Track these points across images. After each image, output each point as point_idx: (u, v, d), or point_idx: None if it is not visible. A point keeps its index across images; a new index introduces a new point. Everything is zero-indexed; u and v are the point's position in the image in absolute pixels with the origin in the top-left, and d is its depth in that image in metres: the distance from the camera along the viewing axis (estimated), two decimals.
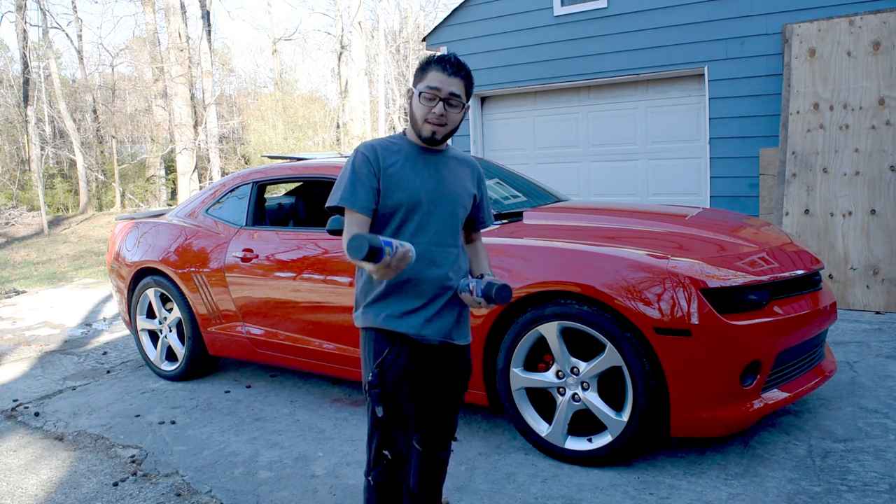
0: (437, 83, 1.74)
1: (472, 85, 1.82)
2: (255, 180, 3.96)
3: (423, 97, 1.76)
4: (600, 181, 7.11)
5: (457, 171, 1.90)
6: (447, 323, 1.86)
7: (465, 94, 1.80)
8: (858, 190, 5.01)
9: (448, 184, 1.85)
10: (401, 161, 1.81)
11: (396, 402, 1.81)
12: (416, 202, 1.79)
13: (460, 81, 1.77)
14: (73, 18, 21.57)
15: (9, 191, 18.24)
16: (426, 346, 1.85)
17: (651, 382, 2.52)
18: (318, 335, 3.46)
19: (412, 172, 1.81)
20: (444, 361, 1.91)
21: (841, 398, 3.23)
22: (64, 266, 10.23)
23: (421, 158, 1.84)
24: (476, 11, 7.40)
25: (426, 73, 1.77)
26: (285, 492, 2.68)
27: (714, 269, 2.59)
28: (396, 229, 1.80)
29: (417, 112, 1.79)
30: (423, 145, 1.85)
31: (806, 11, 5.56)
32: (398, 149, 1.84)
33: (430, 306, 1.82)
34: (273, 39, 24.43)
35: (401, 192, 1.78)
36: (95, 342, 5.34)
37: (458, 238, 1.89)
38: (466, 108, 1.82)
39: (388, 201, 1.78)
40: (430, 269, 1.80)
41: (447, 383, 1.95)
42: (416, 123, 1.81)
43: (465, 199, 1.90)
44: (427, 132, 1.79)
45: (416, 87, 1.80)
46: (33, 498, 2.76)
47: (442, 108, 1.75)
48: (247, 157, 19.25)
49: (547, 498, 2.50)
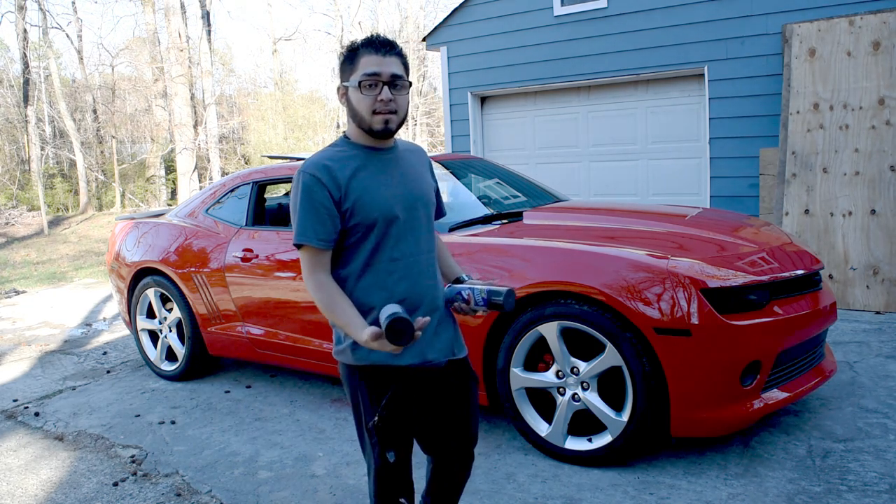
0: (375, 67, 1.53)
1: (409, 64, 1.61)
2: (255, 180, 3.96)
3: (364, 86, 1.53)
4: (600, 181, 7.11)
5: (415, 165, 1.71)
6: (448, 338, 1.69)
7: (406, 73, 1.59)
8: (858, 190, 5.01)
9: (414, 183, 1.66)
10: (359, 170, 1.58)
11: (406, 442, 1.66)
12: (391, 215, 1.58)
13: (397, 59, 1.56)
14: (73, 18, 21.59)
15: (9, 191, 18.24)
16: (434, 370, 1.67)
17: (651, 382, 2.52)
18: (318, 335, 3.46)
19: (375, 182, 1.59)
20: (450, 379, 1.73)
21: (841, 398, 3.23)
22: (64, 266, 10.23)
23: (378, 162, 1.62)
24: (476, 11, 7.40)
25: (357, 60, 1.56)
26: (285, 492, 2.68)
27: (714, 269, 2.59)
28: (373, 249, 1.59)
29: (361, 106, 1.55)
30: (374, 145, 1.62)
31: (806, 11, 5.56)
32: (350, 157, 1.60)
33: (430, 326, 1.63)
34: (273, 39, 24.43)
35: (371, 209, 1.56)
36: (95, 342, 5.34)
37: (432, 240, 1.70)
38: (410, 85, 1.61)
39: (357, 220, 1.56)
40: (421, 283, 1.63)
41: (459, 398, 1.76)
42: (362, 120, 1.57)
43: (429, 195, 1.71)
44: (379, 124, 1.55)
45: (348, 80, 1.57)
46: (33, 498, 2.76)
47: (388, 93, 1.53)
48: (247, 157, 19.26)
49: (547, 498, 2.50)
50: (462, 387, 1.76)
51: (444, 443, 1.78)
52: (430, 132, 24.93)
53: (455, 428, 1.77)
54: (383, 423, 1.60)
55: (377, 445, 1.62)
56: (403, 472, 1.67)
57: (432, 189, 1.74)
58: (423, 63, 25.42)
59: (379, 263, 1.59)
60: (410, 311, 1.60)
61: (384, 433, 1.61)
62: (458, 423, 1.77)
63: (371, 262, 1.59)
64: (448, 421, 1.75)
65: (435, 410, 1.72)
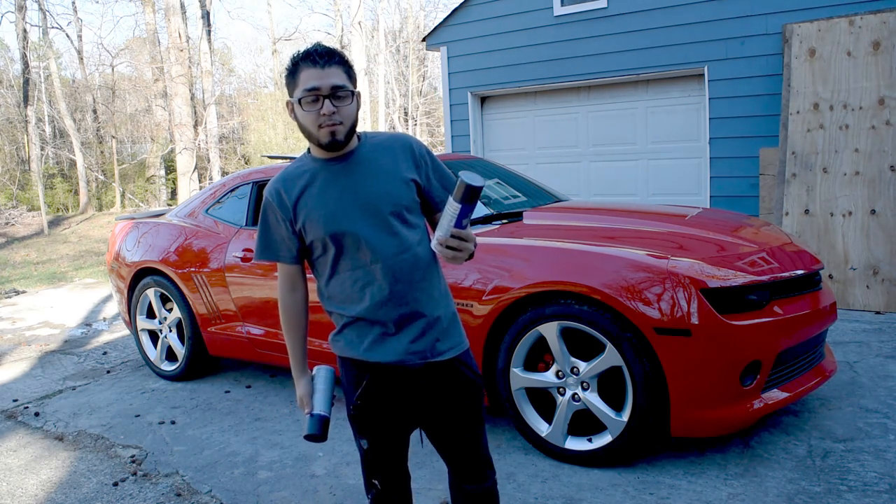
0: (314, 81, 1.51)
1: (353, 69, 1.59)
2: (255, 180, 3.96)
3: (305, 102, 1.52)
4: (600, 181, 7.11)
5: (380, 164, 1.63)
6: (426, 340, 1.63)
7: (351, 81, 1.56)
8: (858, 190, 5.01)
9: (366, 186, 1.60)
10: (307, 188, 1.61)
11: (381, 433, 1.69)
12: (336, 228, 1.58)
13: (338, 69, 1.54)
14: (73, 18, 21.60)
15: (9, 191, 18.24)
16: (409, 370, 1.63)
17: (651, 382, 2.52)
18: (318, 335, 3.46)
19: (321, 197, 1.59)
20: (436, 382, 1.66)
21: (841, 398, 3.23)
22: (64, 266, 10.23)
23: (328, 174, 1.61)
24: (476, 11, 7.40)
25: (297, 75, 1.54)
26: (285, 492, 2.68)
27: (714, 269, 2.59)
28: (333, 261, 1.62)
29: (306, 121, 1.54)
30: (330, 157, 1.61)
31: (806, 11, 5.56)
32: (302, 173, 1.62)
33: (401, 327, 1.61)
34: (273, 39, 24.43)
35: (316, 224, 1.59)
36: (95, 342, 5.34)
37: (408, 239, 1.61)
38: (358, 94, 1.58)
39: (310, 238, 1.61)
40: (384, 290, 1.59)
41: (449, 406, 1.68)
42: (310, 135, 1.56)
43: (395, 194, 1.61)
44: (326, 137, 1.54)
45: (292, 96, 1.56)
46: (33, 498, 2.76)
47: (330, 106, 1.51)
48: (247, 157, 19.26)
49: (547, 498, 2.50)
50: (450, 392, 1.67)
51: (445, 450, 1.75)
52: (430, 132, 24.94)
53: (449, 439, 1.72)
54: (356, 412, 1.68)
55: (354, 432, 1.73)
56: (379, 459, 1.72)
57: (403, 181, 1.62)
58: (423, 63, 25.43)
59: (342, 273, 1.63)
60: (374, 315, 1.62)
61: (358, 422, 1.69)
62: (451, 434, 1.71)
63: (334, 272, 1.64)
64: (440, 426, 1.71)
65: (420, 412, 1.70)
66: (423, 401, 1.68)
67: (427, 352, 1.63)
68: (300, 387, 1.73)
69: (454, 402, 1.69)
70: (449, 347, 1.66)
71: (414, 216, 1.65)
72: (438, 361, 1.65)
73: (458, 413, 1.70)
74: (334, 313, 1.68)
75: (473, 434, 1.73)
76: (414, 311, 1.62)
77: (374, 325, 1.62)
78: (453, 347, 1.67)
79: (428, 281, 1.65)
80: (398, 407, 1.67)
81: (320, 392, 1.69)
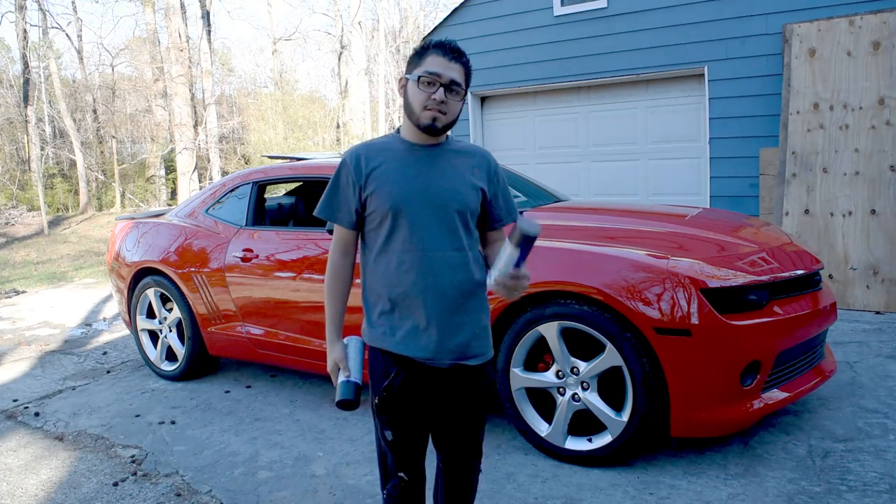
0: (438, 68, 1.60)
1: (471, 75, 1.69)
2: (255, 180, 3.96)
3: (423, 82, 1.61)
4: (600, 181, 7.11)
5: (457, 165, 1.71)
6: (458, 342, 1.67)
7: (465, 83, 1.66)
8: (858, 190, 5.01)
9: (441, 179, 1.67)
10: (386, 162, 1.66)
11: (407, 426, 1.71)
12: (401, 206, 1.63)
13: (461, 68, 1.64)
14: (73, 18, 21.58)
15: (9, 191, 18.24)
16: (437, 369, 1.68)
17: (651, 382, 2.52)
18: (318, 335, 3.46)
19: (397, 173, 1.65)
20: (458, 384, 1.72)
21: (841, 398, 3.23)
22: (64, 266, 10.23)
23: (411, 156, 1.67)
24: (476, 11, 7.40)
25: (424, 58, 1.63)
26: (285, 492, 2.68)
27: (714, 269, 2.59)
28: (386, 238, 1.65)
29: (415, 99, 1.63)
30: (419, 142, 1.68)
31: (806, 11, 5.56)
32: (386, 148, 1.69)
33: (436, 324, 1.65)
34: (273, 39, 24.43)
35: (383, 197, 1.63)
36: (95, 342, 5.34)
37: (463, 241, 1.67)
38: (465, 98, 1.69)
39: (372, 208, 1.65)
40: (428, 279, 1.63)
41: (463, 406, 1.76)
42: (412, 113, 1.64)
43: (465, 195, 1.68)
44: (427, 119, 1.62)
45: (411, 73, 1.65)
46: (33, 498, 2.76)
47: (443, 94, 1.60)
48: (247, 157, 19.25)
49: (547, 498, 2.50)
50: (467, 395, 1.75)
51: (445, 443, 1.81)
52: None
53: (453, 432, 1.78)
54: (382, 404, 1.69)
55: (378, 423, 1.73)
56: (403, 452, 1.73)
57: (472, 188, 1.70)
58: None
59: (390, 252, 1.65)
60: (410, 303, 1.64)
61: (384, 413, 1.70)
62: (457, 428, 1.78)
63: (383, 250, 1.66)
64: (448, 422, 1.77)
65: (436, 408, 1.74)
66: (442, 400, 1.73)
67: (458, 353, 1.68)
68: (334, 351, 1.71)
69: (468, 407, 1.76)
70: (479, 353, 1.73)
71: (474, 222, 1.72)
72: (466, 366, 1.70)
73: (469, 416, 1.77)
74: (372, 292, 1.70)
75: (477, 434, 1.82)
76: (452, 311, 1.66)
77: (409, 317, 1.65)
78: (482, 355, 1.74)
79: (470, 286, 1.70)
80: (422, 403, 1.71)
81: (353, 360, 1.68)
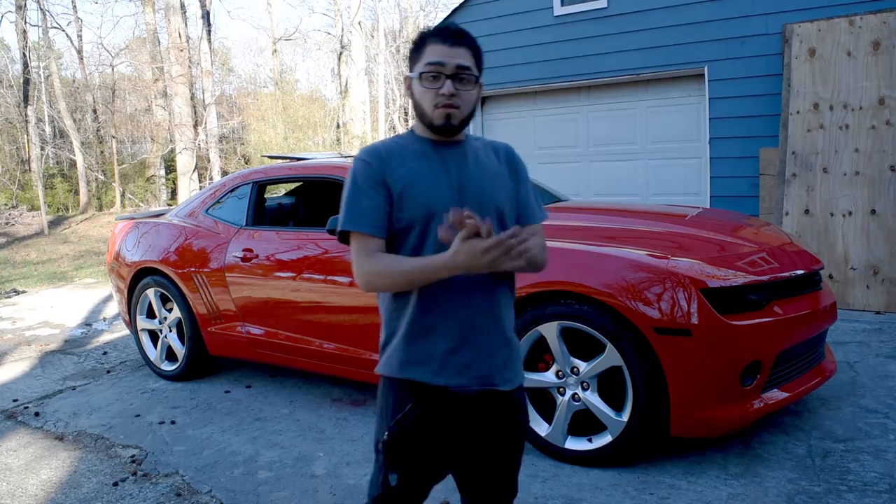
0: (439, 57, 1.42)
1: (481, 56, 1.49)
2: (255, 180, 3.96)
3: (426, 77, 1.43)
4: (600, 181, 7.11)
5: (486, 163, 1.53)
6: (490, 364, 1.46)
7: (476, 66, 1.47)
8: (858, 190, 5.01)
9: (477, 180, 1.49)
10: (412, 161, 1.47)
11: (415, 470, 1.47)
12: (437, 209, 1.42)
13: (466, 51, 1.44)
14: (73, 18, 21.57)
15: (9, 191, 18.25)
16: (462, 395, 1.46)
17: (651, 382, 2.52)
18: (318, 335, 3.46)
19: (428, 174, 1.46)
20: (488, 412, 1.49)
21: (841, 398, 3.23)
22: (64, 266, 10.23)
23: (436, 155, 1.49)
24: (476, 11, 7.40)
25: (423, 49, 1.45)
26: (285, 492, 2.68)
27: (714, 269, 2.59)
28: (414, 248, 1.44)
29: (423, 99, 1.44)
30: (438, 138, 1.50)
31: (806, 11, 5.56)
32: (407, 147, 1.49)
33: (468, 343, 1.45)
34: (273, 39, 24.43)
35: (415, 202, 1.43)
36: (95, 342, 5.34)
37: None
38: (480, 84, 1.48)
39: (401, 214, 1.44)
40: (464, 295, 1.43)
41: (496, 439, 1.51)
42: (423, 114, 1.46)
43: (502, 196, 1.51)
44: (440, 119, 1.44)
45: (413, 70, 1.47)
46: (33, 498, 2.76)
47: (451, 87, 1.41)
48: (247, 157, 19.24)
49: (547, 498, 2.50)
50: (500, 425, 1.51)
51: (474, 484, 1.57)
52: None
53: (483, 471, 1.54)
54: (392, 440, 1.46)
55: (382, 463, 1.48)
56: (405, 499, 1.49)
57: (507, 189, 1.54)
58: None
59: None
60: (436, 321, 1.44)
61: (391, 452, 1.47)
62: (487, 466, 1.53)
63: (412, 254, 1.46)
64: (474, 458, 1.53)
65: (463, 443, 1.50)
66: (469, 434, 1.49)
67: (488, 376, 1.46)
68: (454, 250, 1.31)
69: (502, 440, 1.53)
70: (512, 377, 1.51)
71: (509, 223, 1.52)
72: (497, 391, 1.48)
73: (502, 453, 1.53)
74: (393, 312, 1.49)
75: (512, 475, 1.58)
76: (484, 324, 1.46)
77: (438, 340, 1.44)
78: (514, 379, 1.52)
79: (505, 298, 1.51)
80: (442, 440, 1.48)
81: None
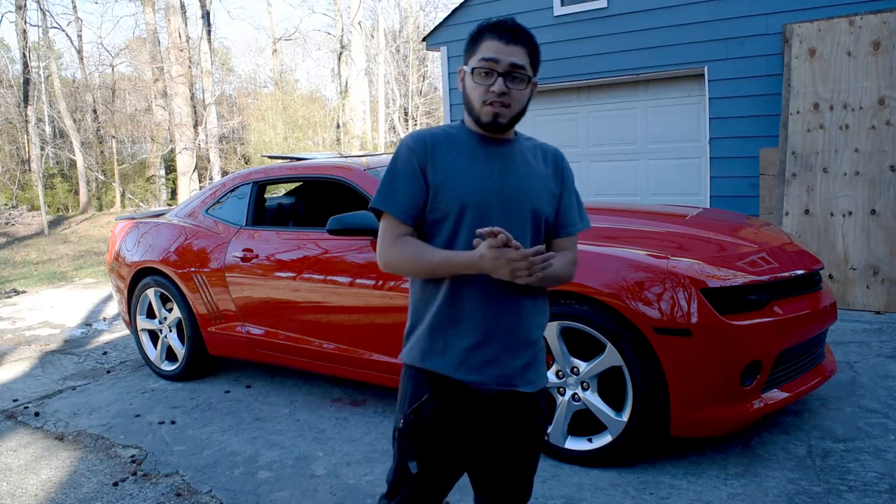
0: (493, 53, 1.40)
1: (539, 54, 1.48)
2: (255, 180, 3.96)
3: (478, 73, 1.42)
4: (600, 181, 7.11)
5: (532, 165, 1.51)
6: (512, 364, 1.46)
7: (531, 66, 1.45)
8: (858, 190, 5.01)
9: (518, 180, 1.47)
10: (456, 153, 1.46)
11: (435, 458, 1.46)
12: (472, 204, 1.42)
13: (522, 50, 1.42)
14: (73, 18, 21.56)
15: (9, 191, 18.25)
16: (480, 393, 1.46)
17: (651, 382, 2.52)
18: (318, 335, 3.46)
19: (470, 166, 1.45)
20: (507, 412, 1.48)
21: (841, 398, 3.23)
22: (64, 266, 10.23)
23: (482, 149, 1.48)
24: (476, 11, 7.40)
25: (478, 44, 1.44)
26: (285, 492, 2.68)
27: (714, 269, 2.59)
28: (448, 240, 1.44)
29: (473, 94, 1.44)
30: (486, 134, 1.49)
31: (806, 11, 5.56)
32: (454, 138, 1.48)
33: (491, 342, 1.44)
34: (273, 39, 24.42)
35: (453, 192, 1.43)
36: (95, 342, 5.34)
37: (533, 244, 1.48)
38: (534, 83, 1.47)
39: (437, 203, 1.44)
40: (492, 292, 1.43)
41: (514, 440, 1.51)
42: (472, 109, 1.45)
43: (543, 200, 1.50)
44: (487, 116, 1.43)
45: (466, 64, 1.46)
46: (33, 498, 2.76)
47: (502, 85, 1.40)
48: (247, 157, 19.24)
49: (547, 498, 2.50)
50: (519, 427, 1.51)
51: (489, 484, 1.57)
52: None
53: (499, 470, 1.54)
54: (410, 430, 1.46)
55: (399, 451, 1.50)
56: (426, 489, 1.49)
57: (550, 193, 1.52)
58: (423, 63, 25.44)
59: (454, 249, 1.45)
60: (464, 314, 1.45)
61: (410, 440, 1.47)
62: (503, 466, 1.54)
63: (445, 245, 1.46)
64: (494, 459, 1.53)
65: (480, 441, 1.51)
66: (487, 432, 1.50)
67: (508, 377, 1.46)
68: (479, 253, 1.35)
69: (520, 442, 1.52)
70: (535, 379, 1.51)
71: (544, 228, 1.52)
72: (518, 392, 1.48)
73: (520, 454, 1.53)
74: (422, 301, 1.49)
75: (528, 477, 1.58)
76: (508, 324, 1.46)
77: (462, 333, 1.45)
78: (536, 381, 1.51)
79: (534, 301, 1.50)
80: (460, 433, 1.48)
81: None
